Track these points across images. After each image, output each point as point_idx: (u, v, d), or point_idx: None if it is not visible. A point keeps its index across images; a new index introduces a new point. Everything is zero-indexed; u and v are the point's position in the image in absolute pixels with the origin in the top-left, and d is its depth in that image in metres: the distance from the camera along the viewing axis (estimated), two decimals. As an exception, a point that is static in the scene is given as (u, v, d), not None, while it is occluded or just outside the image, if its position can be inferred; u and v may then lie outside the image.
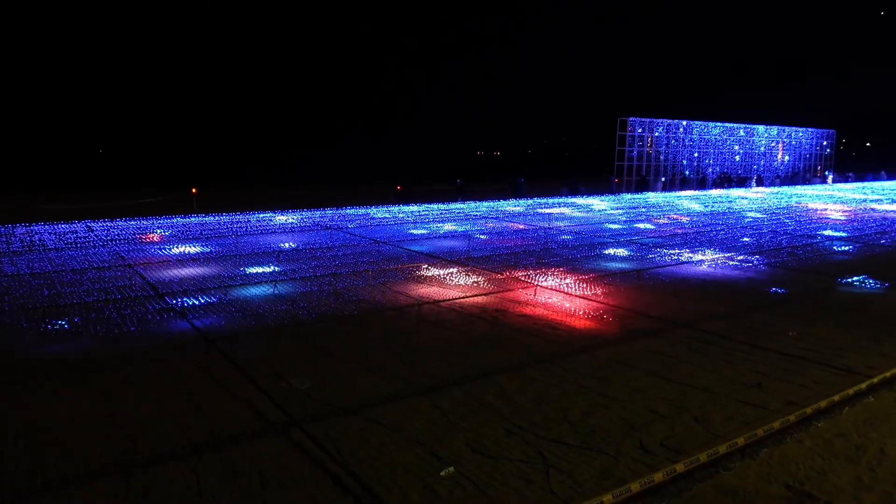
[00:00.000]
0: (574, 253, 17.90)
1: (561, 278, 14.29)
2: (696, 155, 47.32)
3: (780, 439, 6.45)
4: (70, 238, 19.49)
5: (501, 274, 14.76)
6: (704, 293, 13.11)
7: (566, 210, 29.86)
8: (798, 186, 49.07)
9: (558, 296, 12.65)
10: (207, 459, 5.97)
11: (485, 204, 31.92)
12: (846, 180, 55.41)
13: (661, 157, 45.36)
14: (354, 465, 5.86)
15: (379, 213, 28.03)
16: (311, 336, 9.90)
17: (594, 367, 8.51)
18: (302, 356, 8.93)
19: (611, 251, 18.14)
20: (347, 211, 28.16)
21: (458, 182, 35.82)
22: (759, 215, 28.14)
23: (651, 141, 44.55)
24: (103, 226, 22.25)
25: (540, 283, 13.69)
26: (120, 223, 22.81)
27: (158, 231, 21.70)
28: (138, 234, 21.01)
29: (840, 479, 5.75)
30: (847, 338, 9.89)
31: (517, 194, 36.13)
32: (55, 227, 21.66)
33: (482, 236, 21.31)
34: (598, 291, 13.08)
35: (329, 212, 27.66)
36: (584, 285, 13.67)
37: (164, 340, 9.60)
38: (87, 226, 22.39)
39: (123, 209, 27.18)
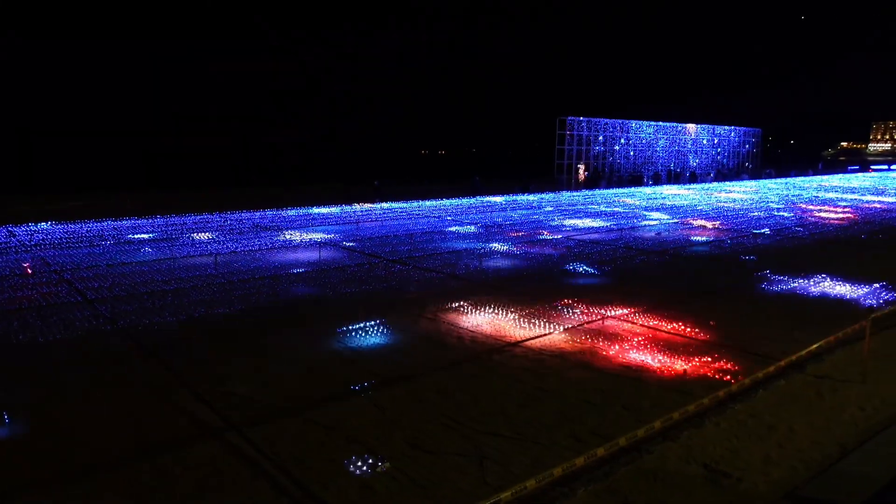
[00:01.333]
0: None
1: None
2: (632, 153, 48.82)
3: (699, 423, 6.86)
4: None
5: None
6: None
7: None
8: (727, 183, 51.21)
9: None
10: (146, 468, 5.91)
11: (448, 202, 31.91)
12: (768, 177, 58.00)
13: (602, 156, 46.60)
14: (291, 466, 5.92)
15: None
16: (252, 337, 9.83)
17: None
18: (242, 358, 8.87)
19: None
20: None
21: (376, 183, 33.62)
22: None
23: (589, 140, 45.69)
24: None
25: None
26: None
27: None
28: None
29: (752, 456, 6.18)
30: (765, 326, 10.53)
31: (475, 192, 36.34)
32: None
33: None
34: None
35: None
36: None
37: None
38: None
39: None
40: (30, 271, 14.90)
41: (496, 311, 11.43)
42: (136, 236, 20.46)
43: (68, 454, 6.20)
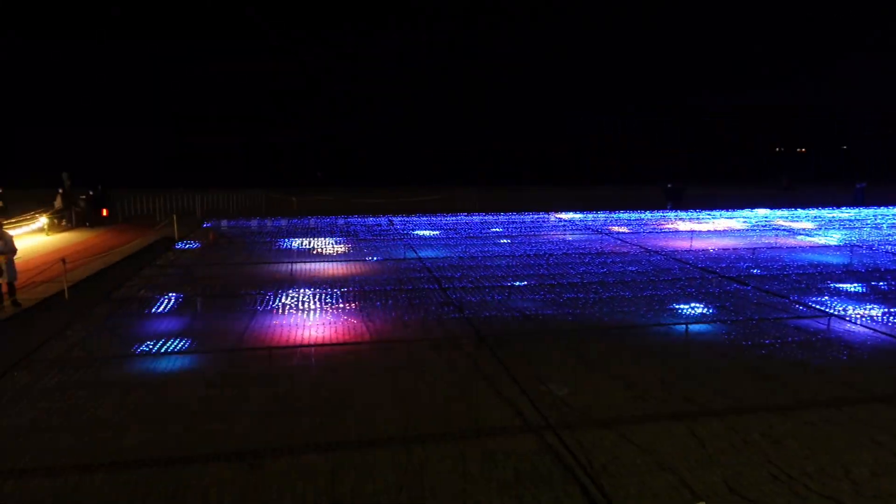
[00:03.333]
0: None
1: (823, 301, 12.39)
2: None
3: None
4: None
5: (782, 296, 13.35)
6: None
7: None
8: None
9: (858, 325, 11.04)
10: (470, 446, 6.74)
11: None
12: None
13: None
14: (604, 480, 6.08)
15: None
16: (574, 343, 10.27)
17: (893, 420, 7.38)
18: (563, 362, 9.35)
19: None
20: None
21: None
22: None
23: None
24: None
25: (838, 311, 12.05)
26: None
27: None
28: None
29: None
30: None
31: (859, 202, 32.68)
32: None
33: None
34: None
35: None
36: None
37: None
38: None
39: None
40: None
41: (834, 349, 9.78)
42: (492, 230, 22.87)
43: (413, 422, 7.37)
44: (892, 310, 12.45)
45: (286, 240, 21.71)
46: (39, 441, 6.79)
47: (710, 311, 12.31)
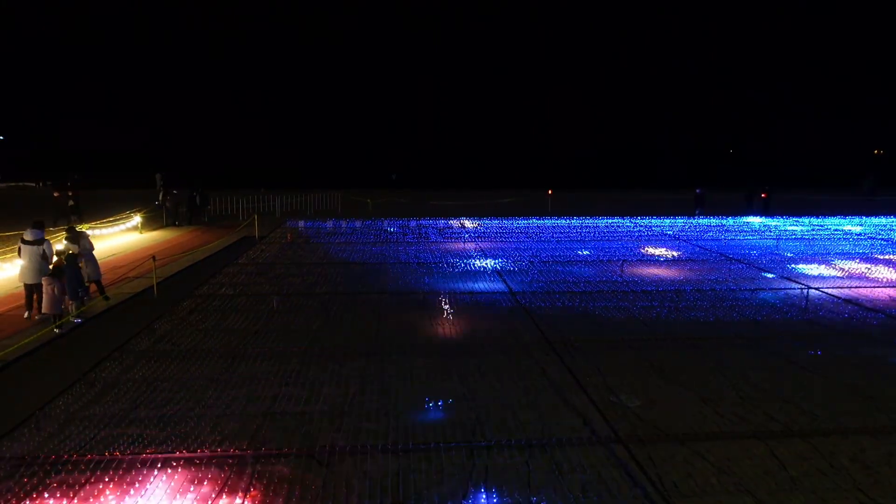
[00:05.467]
0: None
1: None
2: None
3: None
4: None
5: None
6: None
7: None
8: None
9: (965, 349, 10.15)
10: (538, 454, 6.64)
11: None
12: None
13: None
14: (676, 499, 5.85)
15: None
16: (647, 353, 9.96)
17: None
18: (635, 372, 9.08)
19: None
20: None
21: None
22: None
23: None
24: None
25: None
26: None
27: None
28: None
29: None
30: None
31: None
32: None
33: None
34: None
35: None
36: None
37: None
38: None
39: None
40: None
41: (959, 373, 8.99)
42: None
43: (478, 427, 7.34)
44: None
45: (360, 240, 22.17)
46: (126, 431, 7.21)
47: (799, 320, 11.64)
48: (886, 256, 19.08)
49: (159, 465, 6.40)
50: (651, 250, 20.09)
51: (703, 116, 69.99)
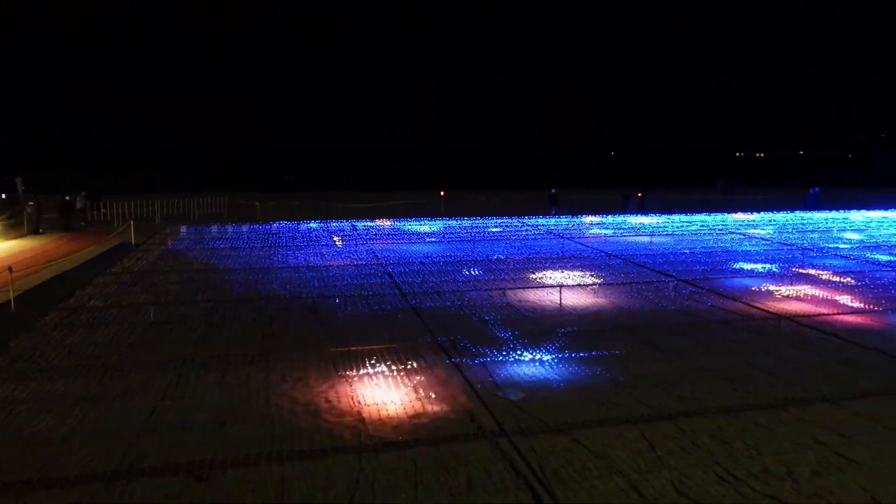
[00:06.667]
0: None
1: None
2: None
3: None
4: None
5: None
6: None
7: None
8: None
9: (801, 326, 11.36)
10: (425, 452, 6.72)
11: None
12: None
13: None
14: (555, 486, 6.11)
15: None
16: (531, 348, 10.33)
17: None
18: (520, 367, 9.40)
19: (885, 282, 15.57)
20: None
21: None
22: None
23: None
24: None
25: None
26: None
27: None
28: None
29: None
30: None
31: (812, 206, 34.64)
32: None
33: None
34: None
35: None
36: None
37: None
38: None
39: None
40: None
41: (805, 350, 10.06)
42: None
43: (366, 428, 7.32)
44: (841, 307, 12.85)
45: (247, 245, 21.40)
46: (-24, 458, 6.54)
47: (669, 310, 12.54)
48: (742, 249, 20.97)
49: (16, 493, 5.86)
50: (538, 249, 20.88)
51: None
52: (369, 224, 27.70)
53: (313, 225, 27.30)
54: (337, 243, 19.24)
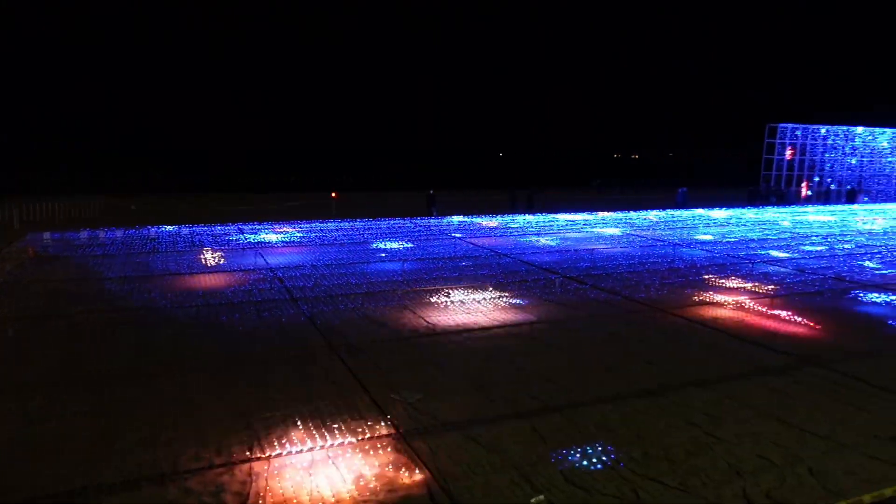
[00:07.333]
0: (702, 274, 17.11)
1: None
2: (855, 165, 43.07)
3: (905, 504, 5.94)
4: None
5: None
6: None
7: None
8: None
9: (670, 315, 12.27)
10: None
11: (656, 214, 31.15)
12: None
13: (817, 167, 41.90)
14: (452, 483, 6.20)
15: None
16: (425, 348, 10.41)
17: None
18: (414, 367, 9.45)
19: (744, 273, 17.13)
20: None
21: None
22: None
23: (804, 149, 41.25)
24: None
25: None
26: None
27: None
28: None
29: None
30: None
31: (681, 205, 36.76)
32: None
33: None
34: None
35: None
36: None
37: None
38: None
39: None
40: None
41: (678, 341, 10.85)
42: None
43: (258, 442, 7.08)
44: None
45: (122, 252, 19.99)
46: None
47: (555, 304, 13.08)
48: (620, 245, 22.31)
49: None
50: (430, 249, 21.08)
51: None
52: (257, 226, 26.75)
53: (197, 228, 25.96)
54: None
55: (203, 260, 18.70)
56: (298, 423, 7.52)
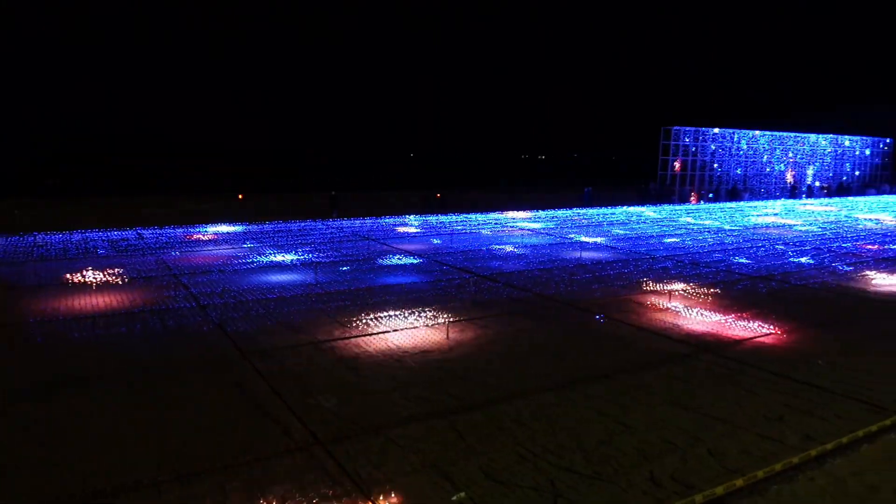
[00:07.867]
0: (608, 269, 17.87)
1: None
2: (741, 165, 46.45)
3: (791, 477, 6.48)
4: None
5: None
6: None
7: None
8: (856, 198, 47.55)
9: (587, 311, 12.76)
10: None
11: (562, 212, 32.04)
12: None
13: (710, 169, 44.83)
14: (372, 487, 6.16)
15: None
16: (339, 349, 10.27)
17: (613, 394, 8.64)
18: (329, 370, 9.30)
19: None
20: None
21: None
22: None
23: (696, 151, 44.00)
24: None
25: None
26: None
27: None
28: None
29: (850, 520, 5.77)
30: (884, 369, 9.72)
31: (587, 203, 37.82)
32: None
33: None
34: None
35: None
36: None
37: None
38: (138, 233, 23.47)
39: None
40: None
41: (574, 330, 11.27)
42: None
43: (170, 461, 6.75)
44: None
45: (2, 261, 18.40)
46: None
47: (463, 299, 13.26)
48: (530, 244, 22.93)
49: None
50: (344, 252, 20.82)
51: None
52: (158, 230, 25.39)
53: (90, 234, 24.31)
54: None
55: (99, 267, 17.55)
56: (212, 438, 7.22)
